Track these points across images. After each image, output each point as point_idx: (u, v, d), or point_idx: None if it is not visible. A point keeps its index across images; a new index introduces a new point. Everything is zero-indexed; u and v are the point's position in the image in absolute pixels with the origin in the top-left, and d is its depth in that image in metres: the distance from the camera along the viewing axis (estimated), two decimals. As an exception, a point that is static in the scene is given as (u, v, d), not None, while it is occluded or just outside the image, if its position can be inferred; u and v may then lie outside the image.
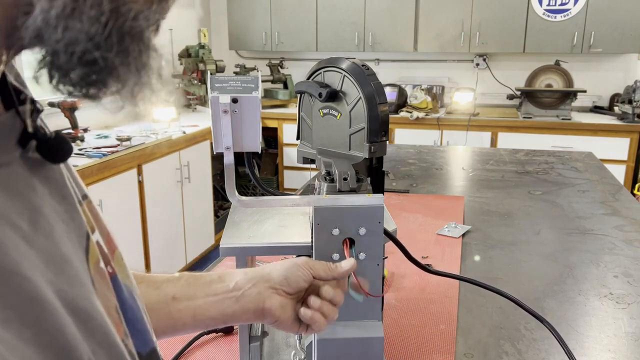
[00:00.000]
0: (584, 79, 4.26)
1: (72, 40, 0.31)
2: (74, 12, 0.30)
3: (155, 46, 0.35)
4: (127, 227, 2.89)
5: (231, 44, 4.67)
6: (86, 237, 0.40)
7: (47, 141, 0.37)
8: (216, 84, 0.73)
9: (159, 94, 0.36)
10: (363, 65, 0.77)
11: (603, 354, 0.96)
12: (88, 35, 0.31)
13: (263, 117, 4.31)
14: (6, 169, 0.34)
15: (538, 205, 1.80)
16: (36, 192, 0.36)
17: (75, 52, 0.31)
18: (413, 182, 2.09)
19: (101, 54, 0.31)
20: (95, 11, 0.30)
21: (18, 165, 0.35)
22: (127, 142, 2.90)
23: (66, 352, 0.31)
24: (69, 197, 0.40)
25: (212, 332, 1.02)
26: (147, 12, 0.33)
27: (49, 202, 0.37)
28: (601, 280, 1.25)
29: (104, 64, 0.32)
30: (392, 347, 0.98)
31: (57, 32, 0.30)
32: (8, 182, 0.34)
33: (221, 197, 4.40)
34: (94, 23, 0.31)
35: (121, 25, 0.32)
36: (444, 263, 1.33)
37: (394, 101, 4.14)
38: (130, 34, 0.32)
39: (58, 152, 0.38)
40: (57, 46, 0.31)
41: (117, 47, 0.32)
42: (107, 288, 0.41)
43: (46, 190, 0.38)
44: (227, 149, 0.74)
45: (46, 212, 0.36)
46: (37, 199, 0.36)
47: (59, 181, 0.40)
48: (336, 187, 0.76)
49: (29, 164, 0.36)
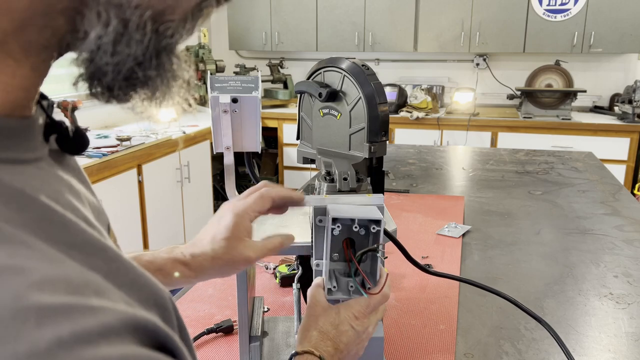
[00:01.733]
0: (584, 79, 4.27)
1: (120, 62, 0.33)
2: (123, 37, 0.33)
3: (182, 55, 0.38)
4: (127, 227, 2.89)
5: (231, 44, 4.67)
6: (107, 218, 0.44)
7: (67, 134, 0.40)
8: (216, 84, 0.73)
9: (185, 97, 0.39)
10: (363, 65, 0.77)
11: (603, 354, 0.96)
12: (134, 57, 0.33)
13: (263, 117, 4.32)
14: (47, 161, 0.37)
15: (538, 205, 1.80)
16: (72, 180, 0.39)
17: (121, 71, 0.34)
18: (413, 182, 2.09)
19: (143, 71, 0.34)
20: (140, 35, 0.33)
21: (48, 157, 0.38)
22: (127, 142, 2.90)
23: (165, 309, 0.34)
24: (87, 183, 0.44)
25: (212, 332, 1.02)
26: (182, 29, 0.36)
27: (80, 187, 0.40)
28: (601, 280, 1.25)
29: (144, 79, 0.35)
30: (392, 347, 0.98)
31: (107, 56, 0.33)
32: (54, 173, 0.36)
33: (221, 197, 4.40)
34: (139, 45, 0.33)
35: (159, 43, 0.34)
36: (444, 263, 1.33)
37: (394, 101, 4.15)
38: (167, 49, 0.35)
39: (77, 144, 0.41)
40: (105, 67, 0.33)
41: (155, 63, 0.35)
42: None
43: (74, 178, 0.40)
44: (227, 149, 0.74)
45: (82, 196, 0.39)
46: (75, 185, 0.39)
47: (77, 169, 0.43)
48: (336, 187, 0.76)
49: (54, 157, 0.39)
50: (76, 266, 0.29)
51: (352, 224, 0.66)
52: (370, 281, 0.68)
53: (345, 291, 0.69)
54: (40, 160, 0.36)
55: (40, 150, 0.36)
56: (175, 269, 0.65)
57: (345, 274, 0.69)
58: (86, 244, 0.31)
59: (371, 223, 0.66)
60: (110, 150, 2.75)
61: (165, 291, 0.34)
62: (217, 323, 1.03)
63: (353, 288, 0.68)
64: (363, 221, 0.67)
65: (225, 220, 0.66)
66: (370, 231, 0.67)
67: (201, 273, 0.66)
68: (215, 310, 1.11)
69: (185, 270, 0.65)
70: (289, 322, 1.01)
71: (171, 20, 0.34)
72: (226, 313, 1.09)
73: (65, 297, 0.26)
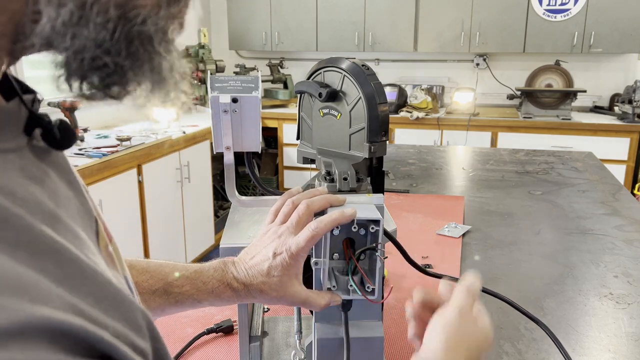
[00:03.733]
0: (584, 79, 4.27)
1: (81, 47, 0.32)
2: (81, 19, 0.31)
3: (172, 47, 0.36)
4: (127, 227, 2.89)
5: (231, 44, 4.67)
6: (95, 221, 0.41)
7: (51, 129, 0.38)
8: (216, 84, 0.73)
9: (178, 92, 0.38)
10: (363, 65, 0.77)
11: (603, 354, 0.96)
12: (96, 42, 0.32)
13: (263, 117, 4.31)
14: (18, 154, 0.35)
15: (538, 205, 1.80)
16: (49, 176, 0.37)
17: (85, 58, 0.32)
18: (413, 182, 2.09)
19: (111, 58, 0.33)
20: (101, 18, 0.31)
21: (26, 151, 0.36)
22: (127, 142, 2.90)
23: (133, 322, 0.32)
24: (75, 183, 0.41)
25: (212, 332, 1.02)
26: (155, 17, 0.34)
27: (60, 185, 0.38)
28: (601, 280, 1.25)
29: (114, 68, 0.33)
30: (392, 347, 0.98)
31: (65, 40, 0.31)
32: (23, 166, 0.34)
33: (221, 197, 4.40)
34: (102, 30, 0.32)
35: (129, 30, 0.33)
36: (444, 263, 1.33)
37: (394, 101, 4.15)
38: (139, 38, 0.34)
39: (63, 138, 0.39)
40: (67, 53, 0.32)
41: (125, 52, 0.33)
42: (115, 271, 0.41)
43: (56, 175, 0.38)
44: (227, 148, 0.74)
45: (61, 194, 0.37)
46: (50, 182, 0.37)
47: (65, 167, 0.41)
48: (336, 187, 0.76)
49: (36, 152, 0.37)
50: (5, 263, 0.27)
51: (352, 224, 0.66)
52: (369, 280, 0.68)
53: (344, 290, 0.69)
54: (9, 152, 0.34)
55: (10, 142, 0.34)
56: (225, 293, 0.66)
57: (345, 274, 0.69)
58: (33, 244, 0.29)
59: (370, 223, 0.66)
60: (110, 150, 2.75)
61: (134, 302, 0.33)
62: (217, 323, 1.03)
63: (352, 287, 0.68)
64: (362, 221, 0.66)
65: (281, 257, 0.66)
66: (370, 231, 0.67)
67: (246, 301, 0.68)
68: (215, 310, 1.11)
69: (232, 297, 0.67)
70: (289, 322, 1.01)
71: (141, 6, 0.33)
72: (226, 313, 1.09)
73: None
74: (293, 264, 0.66)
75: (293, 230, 0.66)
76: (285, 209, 0.69)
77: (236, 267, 0.68)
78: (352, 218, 0.66)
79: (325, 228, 0.65)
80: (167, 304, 0.66)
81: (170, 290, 0.66)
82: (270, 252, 0.66)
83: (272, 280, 0.66)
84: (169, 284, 0.66)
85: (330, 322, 0.74)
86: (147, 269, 0.66)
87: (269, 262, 0.66)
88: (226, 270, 0.67)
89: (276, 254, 0.66)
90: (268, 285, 0.66)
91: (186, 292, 0.66)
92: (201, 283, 0.66)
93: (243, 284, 0.66)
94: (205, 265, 0.68)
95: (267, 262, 0.66)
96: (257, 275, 0.66)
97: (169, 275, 0.66)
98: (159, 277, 0.66)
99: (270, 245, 0.67)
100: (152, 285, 0.65)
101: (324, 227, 0.65)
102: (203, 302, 0.67)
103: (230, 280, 0.67)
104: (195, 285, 0.66)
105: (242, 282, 0.66)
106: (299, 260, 0.66)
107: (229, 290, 0.66)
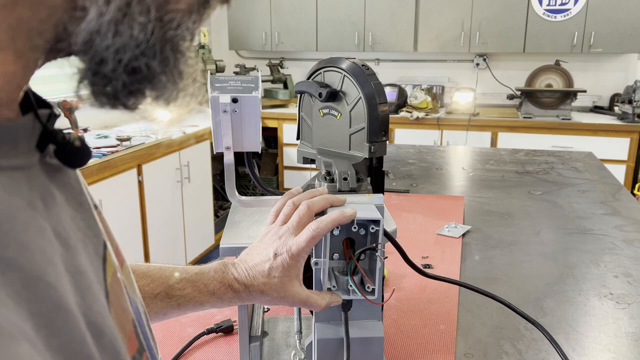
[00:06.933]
0: (584, 79, 4.27)
1: (122, 47, 0.31)
2: (125, 18, 0.30)
3: (190, 55, 0.36)
4: (127, 227, 2.89)
5: (231, 44, 4.67)
6: (103, 246, 0.39)
7: (65, 145, 0.36)
8: (216, 84, 0.73)
9: (193, 100, 0.37)
10: (363, 65, 0.77)
11: (603, 354, 0.96)
12: (136, 42, 0.31)
13: (263, 117, 4.31)
14: (27, 172, 0.33)
15: (538, 205, 1.80)
16: (54, 199, 0.35)
17: (122, 60, 0.31)
18: (413, 182, 2.09)
19: (146, 61, 0.32)
20: (143, 18, 0.31)
21: (37, 169, 0.34)
22: (127, 142, 2.91)
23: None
24: (86, 204, 0.39)
25: (212, 332, 1.02)
26: (187, 22, 0.34)
27: (66, 209, 0.36)
28: (601, 280, 1.24)
29: (146, 72, 0.32)
30: (392, 347, 0.98)
31: (108, 38, 0.30)
32: (30, 187, 0.32)
33: (221, 197, 4.40)
34: (142, 30, 0.31)
35: (164, 34, 0.32)
36: (444, 263, 1.33)
37: (394, 101, 4.15)
38: (172, 42, 0.33)
39: (77, 156, 0.37)
40: (106, 53, 0.31)
41: (159, 56, 0.32)
42: (124, 300, 0.39)
43: (63, 197, 0.36)
44: (227, 148, 0.74)
45: (63, 219, 0.35)
46: (55, 206, 0.35)
47: (76, 188, 0.39)
48: (336, 187, 0.75)
49: (47, 170, 0.35)
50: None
51: (352, 224, 0.66)
52: (369, 280, 0.68)
53: (344, 290, 0.69)
54: (16, 170, 0.32)
55: (19, 158, 0.32)
56: (226, 294, 0.67)
57: (345, 274, 0.69)
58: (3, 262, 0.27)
59: (370, 223, 0.66)
60: (110, 150, 2.75)
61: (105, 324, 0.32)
62: (217, 323, 1.03)
63: (352, 288, 0.68)
64: (362, 221, 0.67)
65: (282, 258, 0.66)
66: (370, 231, 0.67)
67: (247, 302, 0.69)
68: (215, 310, 1.10)
69: (234, 299, 0.67)
70: (289, 322, 1.01)
71: (176, 10, 0.33)
72: (226, 313, 1.09)
73: None
74: (294, 264, 0.66)
75: (294, 231, 0.66)
76: (286, 209, 0.69)
77: (237, 268, 0.68)
78: (352, 218, 0.66)
79: (325, 228, 0.65)
80: (169, 307, 0.66)
81: (172, 293, 0.66)
82: (271, 252, 0.66)
83: (273, 281, 0.66)
84: (170, 287, 0.66)
85: (330, 322, 0.74)
86: (148, 273, 0.66)
87: (270, 263, 0.66)
88: (227, 271, 0.67)
89: (277, 254, 0.66)
90: (269, 286, 0.66)
91: (188, 295, 0.66)
92: (202, 285, 0.66)
93: (244, 285, 0.66)
94: (206, 267, 0.68)
95: (268, 263, 0.66)
96: (258, 276, 0.66)
97: (170, 279, 0.66)
98: (160, 281, 0.66)
99: (271, 246, 0.67)
100: (153, 290, 0.65)
101: (324, 228, 0.65)
102: (205, 304, 0.67)
103: (231, 281, 0.67)
104: (196, 288, 0.66)
105: (242, 283, 0.66)
106: (299, 261, 0.66)
107: (230, 291, 0.66)
